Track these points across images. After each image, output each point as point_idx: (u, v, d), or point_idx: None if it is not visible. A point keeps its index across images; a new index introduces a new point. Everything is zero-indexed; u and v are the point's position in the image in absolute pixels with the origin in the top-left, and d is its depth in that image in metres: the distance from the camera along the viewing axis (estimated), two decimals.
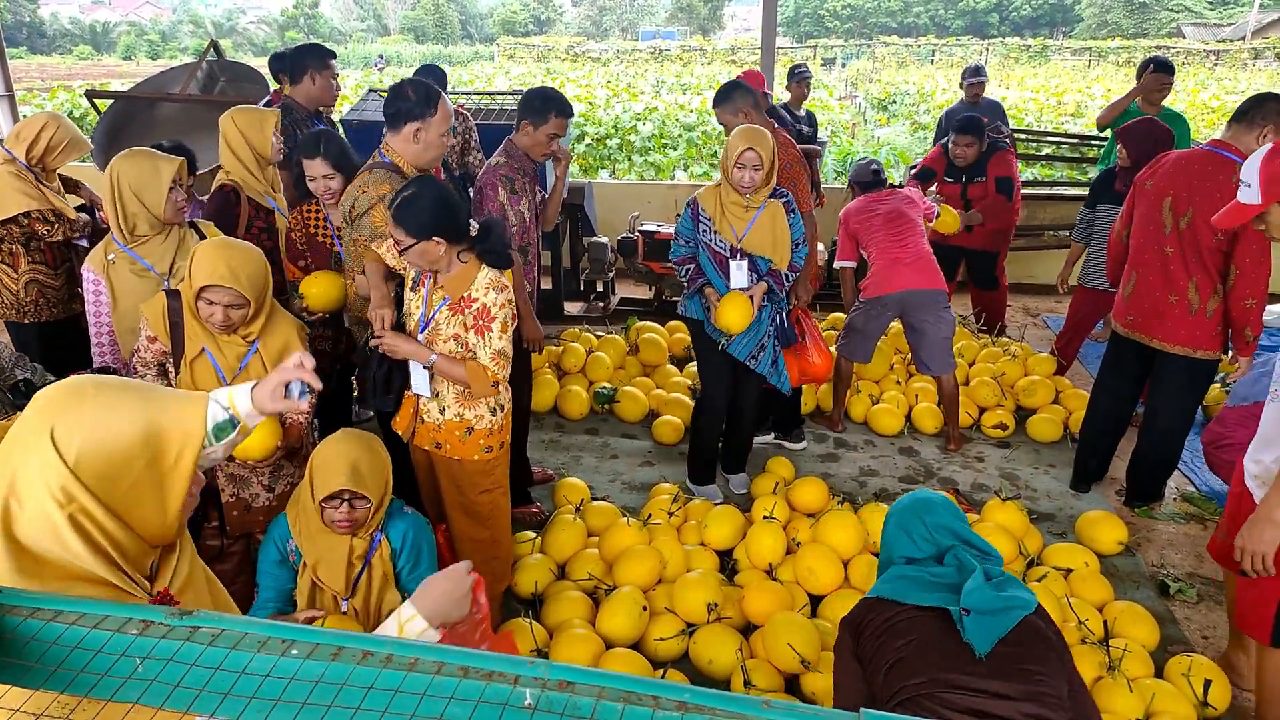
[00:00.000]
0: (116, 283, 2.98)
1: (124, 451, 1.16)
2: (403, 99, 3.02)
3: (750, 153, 3.43)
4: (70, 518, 1.13)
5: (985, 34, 58.14)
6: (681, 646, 3.02)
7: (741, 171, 3.46)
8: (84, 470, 1.14)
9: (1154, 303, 3.67)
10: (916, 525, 2.01)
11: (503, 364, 2.69)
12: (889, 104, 19.36)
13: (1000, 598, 1.78)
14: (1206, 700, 2.74)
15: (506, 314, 2.68)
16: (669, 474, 4.30)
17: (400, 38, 67.04)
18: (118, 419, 1.17)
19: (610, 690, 0.89)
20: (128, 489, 1.17)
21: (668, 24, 68.74)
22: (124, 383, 1.23)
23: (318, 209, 3.49)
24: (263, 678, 0.90)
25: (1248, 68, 36.39)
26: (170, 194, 2.99)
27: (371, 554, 2.59)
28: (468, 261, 2.69)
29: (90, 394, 1.19)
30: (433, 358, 2.69)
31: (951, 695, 1.69)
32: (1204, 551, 3.76)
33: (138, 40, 62.06)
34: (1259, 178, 2.39)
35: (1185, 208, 3.53)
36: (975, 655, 1.73)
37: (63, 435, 1.14)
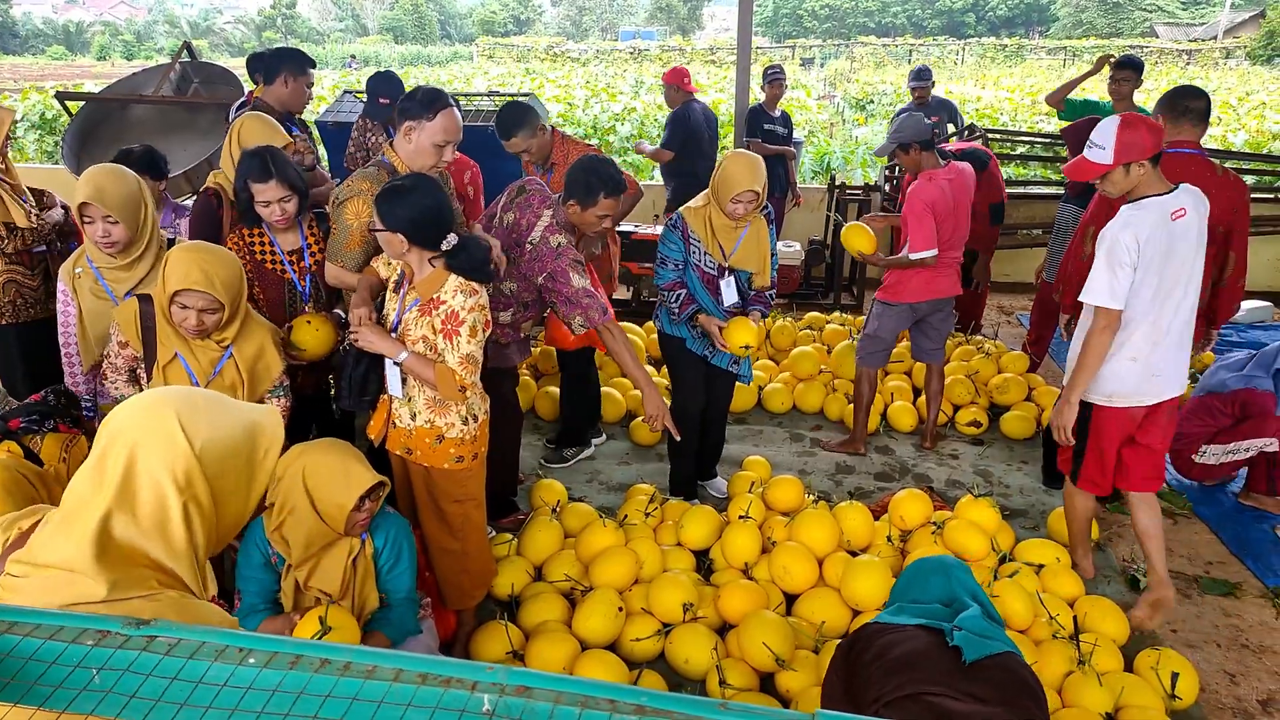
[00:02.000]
0: (81, 299, 2.94)
1: (235, 443, 1.24)
2: (408, 98, 3.00)
3: (750, 194, 3.36)
4: (184, 506, 1.18)
5: (962, 34, 58.56)
6: (658, 646, 3.03)
7: (737, 205, 3.39)
8: (207, 458, 1.20)
9: None
10: (939, 575, 2.03)
11: (471, 369, 2.66)
12: (867, 104, 19.48)
13: (989, 627, 1.81)
14: (1174, 692, 2.78)
15: (476, 318, 2.64)
16: (646, 474, 4.31)
17: (379, 38, 66.69)
18: (226, 413, 1.26)
19: (568, 695, 0.90)
20: (232, 481, 1.25)
21: (647, 24, 68.81)
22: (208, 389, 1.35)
23: (260, 233, 3.16)
24: (219, 687, 0.90)
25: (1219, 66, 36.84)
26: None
27: (356, 554, 2.59)
28: (439, 266, 2.69)
29: (193, 391, 1.28)
30: (404, 354, 2.66)
31: (934, 699, 1.70)
32: (1175, 546, 3.81)
33: (112, 40, 61.40)
34: (1113, 142, 2.85)
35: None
36: (965, 671, 1.74)
37: (189, 423, 1.20)
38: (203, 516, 1.21)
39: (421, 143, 2.97)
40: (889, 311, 4.36)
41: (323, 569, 2.54)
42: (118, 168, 2.87)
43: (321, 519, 2.47)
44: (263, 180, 2.97)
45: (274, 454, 1.30)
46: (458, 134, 3.01)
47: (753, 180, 3.35)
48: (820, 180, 8.75)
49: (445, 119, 2.95)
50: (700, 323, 3.57)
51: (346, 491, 2.45)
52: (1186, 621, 3.32)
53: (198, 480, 1.19)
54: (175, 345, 2.64)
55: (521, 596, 3.24)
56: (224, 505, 1.24)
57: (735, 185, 3.35)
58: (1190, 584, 3.54)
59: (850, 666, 1.93)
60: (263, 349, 2.77)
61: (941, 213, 4.12)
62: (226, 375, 2.72)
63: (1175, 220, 2.90)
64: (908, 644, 1.82)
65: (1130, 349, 3.02)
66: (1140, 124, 2.88)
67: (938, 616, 1.88)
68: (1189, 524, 4.00)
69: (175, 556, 1.19)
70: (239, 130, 3.43)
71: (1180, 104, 3.59)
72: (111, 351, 2.75)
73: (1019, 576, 3.23)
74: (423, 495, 2.90)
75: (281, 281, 3.17)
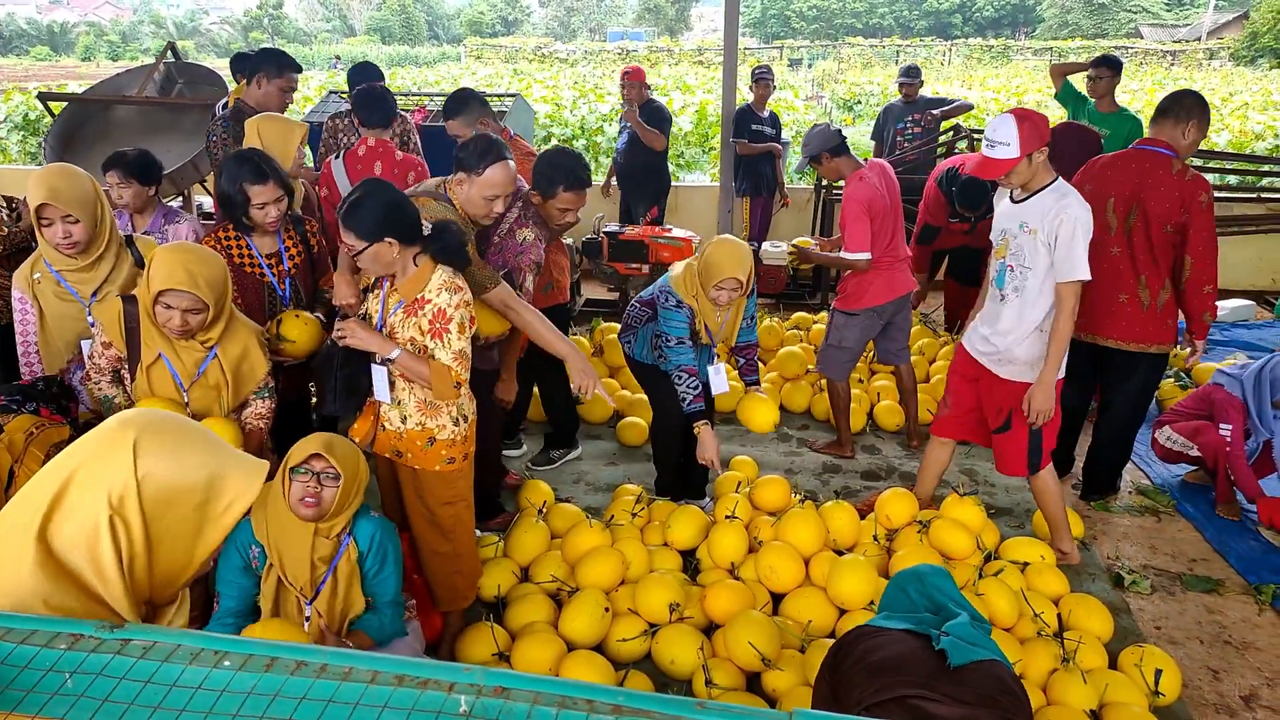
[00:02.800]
0: (44, 303, 2.90)
1: (187, 484, 1.19)
2: (463, 147, 3.01)
3: (732, 281, 3.34)
4: (110, 520, 1.15)
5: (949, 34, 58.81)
6: (644, 647, 3.03)
7: (720, 292, 3.37)
8: (146, 486, 1.16)
9: (1104, 304, 3.73)
10: (915, 585, 2.04)
11: (464, 365, 2.65)
12: (854, 104, 19.53)
13: (976, 634, 1.81)
14: (1158, 689, 2.79)
15: (463, 315, 2.63)
16: (633, 475, 4.30)
17: (366, 39, 66.45)
18: (193, 452, 1.21)
19: (545, 695, 0.90)
20: (172, 522, 1.19)
21: (635, 25, 68.80)
22: (202, 427, 1.29)
23: (238, 235, 3.12)
24: (194, 690, 0.90)
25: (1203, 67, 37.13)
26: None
27: (339, 557, 2.56)
28: (422, 264, 2.67)
29: (177, 423, 1.25)
30: (395, 351, 2.63)
31: (915, 701, 1.70)
32: (1158, 543, 3.84)
33: (97, 41, 61.00)
34: (1016, 136, 3.05)
35: (1130, 207, 3.61)
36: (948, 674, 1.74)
37: (144, 447, 1.17)
38: (130, 542, 1.15)
39: (472, 195, 3.00)
40: (853, 321, 4.33)
41: (290, 559, 2.50)
42: (69, 167, 2.84)
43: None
44: (260, 182, 2.97)
45: (235, 512, 1.23)
46: (508, 185, 3.02)
47: (737, 268, 3.32)
48: (807, 180, 8.77)
49: (495, 172, 2.96)
50: (700, 436, 3.43)
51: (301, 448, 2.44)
52: (1170, 619, 3.34)
53: (131, 505, 1.14)
54: (159, 346, 2.62)
55: (508, 598, 3.23)
56: (160, 546, 1.17)
57: (719, 273, 3.32)
58: (1174, 581, 3.57)
59: (836, 670, 1.93)
60: (247, 350, 2.76)
61: (879, 211, 4.12)
62: (211, 376, 2.70)
63: None
64: (892, 647, 1.82)
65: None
66: (1032, 115, 3.10)
67: (926, 623, 1.88)
68: (1172, 521, 4.03)
69: (105, 580, 1.14)
70: (257, 130, 3.43)
71: (1160, 105, 3.66)
72: (95, 352, 2.73)
73: (1004, 575, 3.24)
74: (412, 498, 2.89)
75: (261, 285, 3.14)
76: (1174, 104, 3.61)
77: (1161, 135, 3.60)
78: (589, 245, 6.39)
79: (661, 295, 3.53)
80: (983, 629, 1.89)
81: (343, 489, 2.43)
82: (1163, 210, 3.54)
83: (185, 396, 2.68)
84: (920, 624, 1.87)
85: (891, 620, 1.93)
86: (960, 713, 1.63)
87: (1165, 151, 3.57)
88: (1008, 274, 3.30)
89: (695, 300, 3.46)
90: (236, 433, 2.67)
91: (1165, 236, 3.58)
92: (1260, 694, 2.95)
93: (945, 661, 1.74)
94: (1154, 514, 4.08)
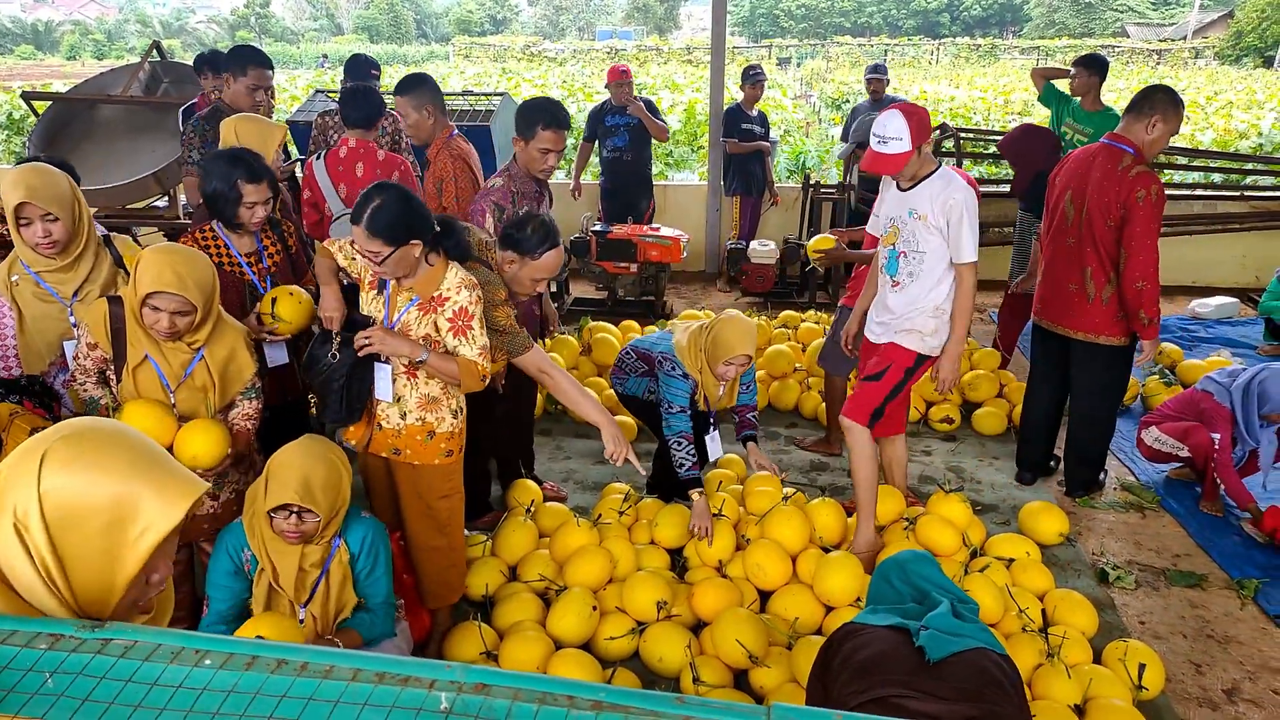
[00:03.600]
0: (23, 305, 2.87)
1: (88, 504, 1.12)
2: (521, 229, 3.02)
3: (743, 357, 3.34)
4: (17, 531, 1.11)
5: (937, 34, 58.99)
6: (632, 645, 3.03)
7: (729, 368, 3.37)
8: (48, 501, 1.11)
9: (1058, 291, 3.86)
10: (897, 573, 2.05)
11: (487, 357, 2.73)
12: (842, 103, 19.52)
13: (957, 625, 1.82)
14: (1141, 683, 2.81)
15: (480, 310, 2.72)
16: (621, 473, 4.31)
17: (354, 37, 66.24)
18: (103, 471, 1.13)
19: (526, 691, 0.90)
20: (79, 542, 1.12)
21: (624, 24, 68.74)
22: (140, 444, 1.19)
23: (214, 235, 3.09)
24: (175, 689, 0.90)
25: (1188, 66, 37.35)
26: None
27: (330, 560, 2.57)
28: (435, 262, 2.69)
29: (96, 438, 1.16)
30: (424, 354, 2.65)
31: (896, 700, 1.71)
32: (1143, 539, 3.87)
33: (82, 40, 60.60)
34: (908, 130, 3.14)
35: (1081, 199, 3.70)
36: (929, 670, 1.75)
37: (52, 458, 1.13)
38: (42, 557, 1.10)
39: (522, 276, 3.04)
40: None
41: (281, 569, 2.51)
42: (44, 165, 2.80)
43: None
44: (254, 181, 2.98)
45: (149, 541, 1.13)
46: (557, 270, 3.10)
47: (747, 345, 3.33)
48: (796, 179, 8.79)
49: (550, 259, 3.03)
50: (695, 504, 3.38)
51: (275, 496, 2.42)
52: (1154, 614, 3.37)
53: (34, 520, 1.10)
54: (146, 347, 2.61)
55: (496, 597, 3.23)
56: (72, 565, 1.12)
57: (729, 350, 3.32)
58: (1158, 576, 3.60)
59: (827, 669, 1.94)
60: (234, 351, 2.75)
61: None
62: (198, 377, 2.69)
63: None
64: (873, 646, 1.83)
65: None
66: (918, 110, 3.23)
67: (910, 615, 1.89)
68: (1156, 517, 4.06)
69: (29, 591, 1.10)
70: (234, 130, 3.42)
71: (1132, 100, 3.71)
72: (80, 354, 2.71)
73: (989, 571, 3.26)
74: (410, 495, 2.90)
75: (241, 284, 3.13)
76: (1142, 99, 3.66)
77: (1128, 131, 3.66)
78: (577, 244, 6.39)
79: (666, 362, 3.49)
80: (968, 612, 1.89)
81: (324, 518, 2.44)
82: (1103, 205, 3.63)
83: (172, 398, 2.68)
84: (905, 616, 1.89)
85: (877, 615, 1.94)
86: (940, 709, 1.64)
87: (1124, 147, 3.64)
88: (900, 260, 3.39)
89: (699, 374, 3.45)
90: (224, 434, 2.66)
91: (1107, 231, 3.66)
92: (1242, 687, 2.98)
93: (925, 657, 1.75)
94: (1138, 510, 4.11)
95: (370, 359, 2.75)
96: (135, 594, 1.18)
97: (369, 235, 2.52)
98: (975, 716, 1.64)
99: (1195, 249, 7.38)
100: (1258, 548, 3.76)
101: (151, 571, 1.19)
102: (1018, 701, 1.76)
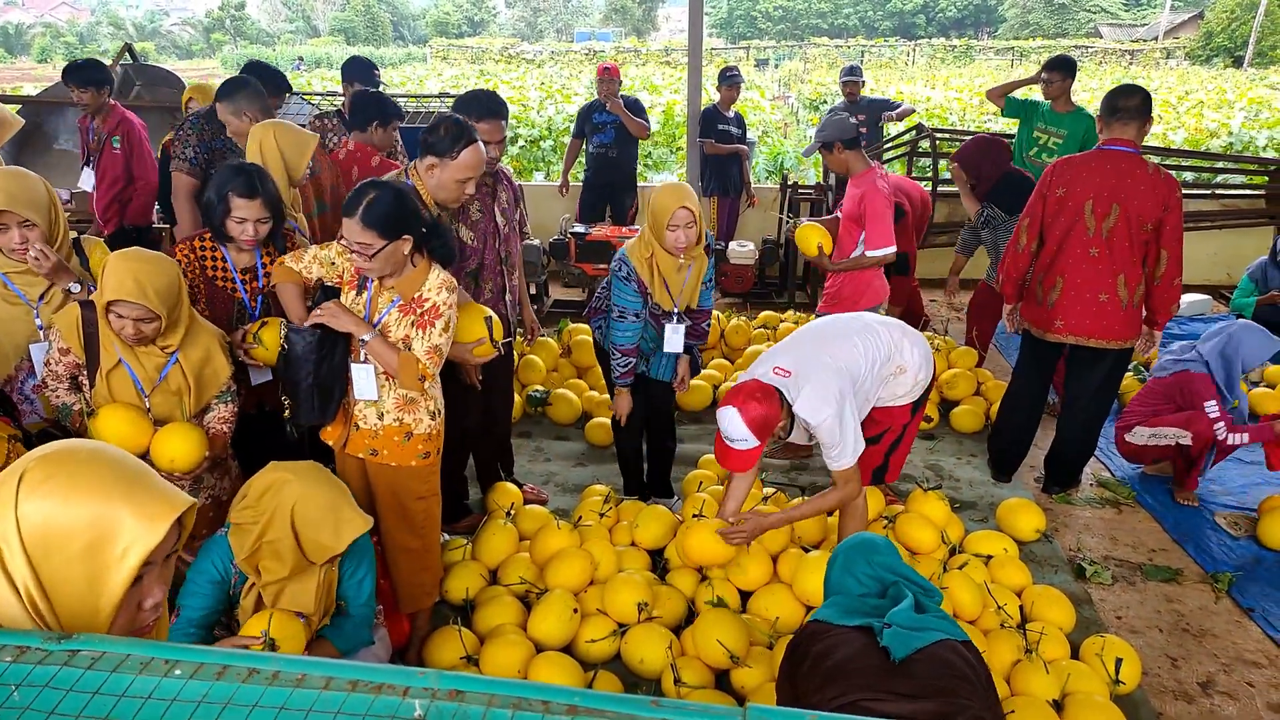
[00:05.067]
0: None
1: (66, 525, 1.08)
2: (434, 132, 2.95)
3: (683, 210, 3.27)
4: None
5: (913, 35, 59.39)
6: (613, 647, 3.03)
7: (676, 232, 3.28)
8: (25, 522, 1.08)
9: (1084, 304, 3.76)
10: (860, 565, 2.05)
11: (436, 359, 2.68)
12: (820, 104, 19.63)
13: (920, 619, 1.83)
14: (1118, 678, 2.84)
15: (451, 315, 2.70)
16: (602, 475, 4.30)
17: (330, 39, 65.82)
18: (80, 491, 1.10)
19: (501, 697, 0.89)
20: (61, 565, 1.09)
21: (602, 25, 68.78)
22: (119, 463, 1.15)
23: (214, 247, 3.03)
24: (144, 700, 0.89)
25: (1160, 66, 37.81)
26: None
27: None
28: (420, 263, 2.69)
29: (73, 459, 1.13)
30: (369, 334, 2.64)
31: (866, 703, 1.72)
32: (1119, 534, 3.91)
33: (53, 42, 59.87)
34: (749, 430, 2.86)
35: (1109, 207, 3.64)
36: (895, 669, 1.76)
37: (28, 482, 1.09)
38: (25, 583, 1.07)
39: (444, 179, 2.96)
40: None
41: (292, 592, 2.45)
42: (21, 170, 2.77)
43: (304, 554, 2.41)
44: (247, 197, 2.87)
45: (131, 562, 1.10)
46: (481, 167, 2.99)
47: (681, 198, 3.28)
48: (774, 180, 8.82)
49: (469, 155, 2.93)
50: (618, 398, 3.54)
51: (336, 537, 2.38)
52: (1130, 608, 3.40)
53: (13, 545, 1.07)
54: (119, 351, 2.59)
55: (476, 601, 3.22)
56: (55, 588, 1.09)
57: (666, 210, 3.27)
58: (1134, 571, 3.63)
59: (793, 672, 1.95)
60: (210, 354, 2.72)
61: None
62: (172, 381, 2.67)
63: None
64: (840, 650, 1.84)
65: None
66: (749, 407, 2.88)
67: (873, 611, 1.90)
68: (1132, 513, 4.10)
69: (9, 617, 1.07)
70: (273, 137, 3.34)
71: (1113, 104, 3.68)
72: (52, 359, 2.68)
73: (968, 568, 3.28)
74: (386, 496, 2.89)
75: (231, 300, 3.06)
76: (1142, 103, 3.64)
77: (1124, 135, 3.65)
78: (556, 246, 6.38)
79: (616, 264, 3.47)
80: (931, 602, 1.90)
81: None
82: (1144, 209, 3.60)
83: (147, 402, 2.65)
84: (867, 613, 1.89)
85: (839, 612, 1.94)
86: (909, 709, 1.65)
87: (1133, 151, 3.63)
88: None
89: (651, 261, 3.38)
90: (201, 437, 2.64)
91: (1144, 235, 3.65)
92: (1217, 679, 3.02)
93: (889, 657, 1.76)
94: (1115, 506, 4.15)
95: (345, 357, 2.74)
96: (125, 620, 1.14)
97: (363, 227, 2.51)
98: (944, 713, 1.66)
99: None
100: (1232, 541, 3.81)
101: (145, 595, 1.15)
102: (982, 690, 1.78)
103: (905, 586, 1.96)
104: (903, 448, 3.48)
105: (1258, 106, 15.86)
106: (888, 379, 3.18)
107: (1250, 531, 3.85)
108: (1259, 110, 15.27)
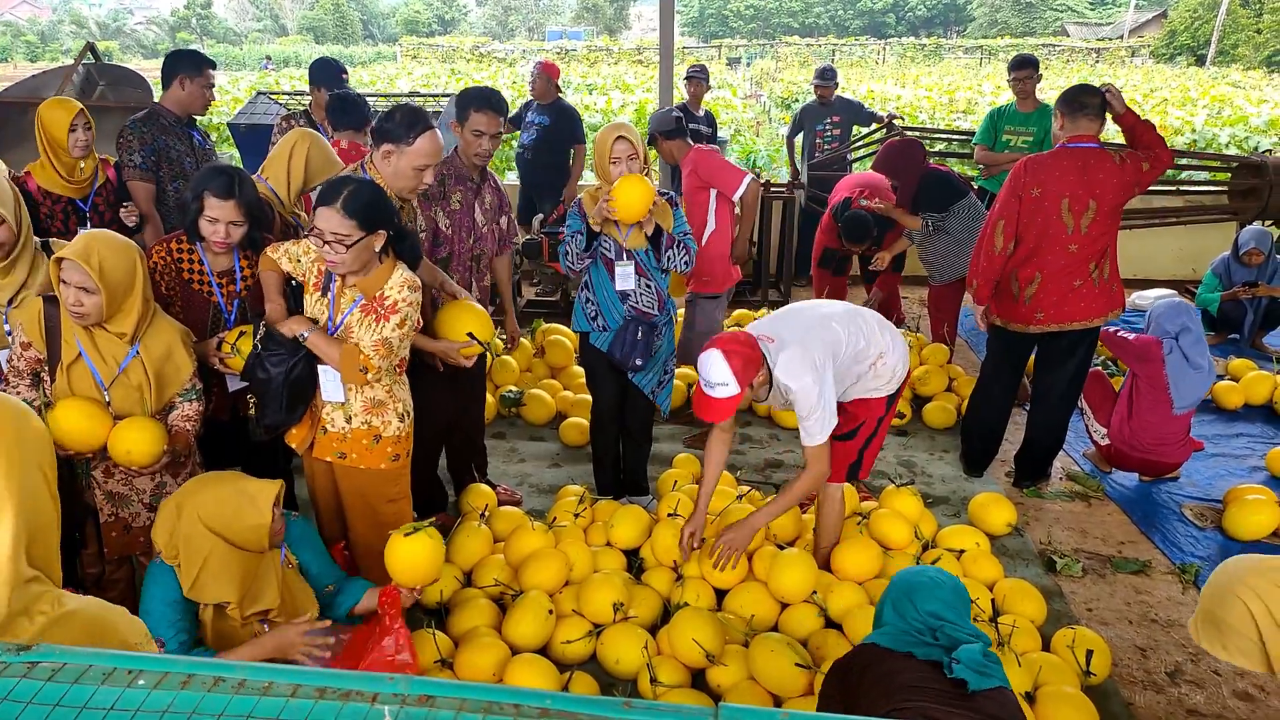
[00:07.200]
0: None
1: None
2: (389, 119, 2.90)
3: (621, 143, 3.35)
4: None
5: (883, 34, 59.82)
6: (589, 648, 3.02)
7: (618, 165, 3.36)
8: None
9: (1061, 293, 3.82)
10: (906, 604, 2.07)
11: (383, 352, 2.65)
12: (791, 102, 19.72)
13: (987, 664, 1.87)
14: (1089, 670, 2.88)
15: (410, 313, 2.67)
16: (576, 475, 4.29)
17: (298, 38, 65.18)
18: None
19: (471, 702, 0.89)
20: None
21: (574, 24, 68.57)
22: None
23: (190, 249, 2.97)
24: (106, 711, 0.87)
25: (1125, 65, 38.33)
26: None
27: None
28: (385, 262, 2.67)
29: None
30: (306, 332, 2.64)
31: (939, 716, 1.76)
32: (1089, 527, 3.96)
33: (14, 42, 58.83)
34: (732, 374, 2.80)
35: (1085, 204, 3.69)
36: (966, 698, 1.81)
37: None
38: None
39: (401, 167, 2.89)
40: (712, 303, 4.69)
41: (255, 592, 2.44)
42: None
43: (242, 549, 2.39)
44: (222, 198, 2.82)
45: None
46: (439, 154, 2.94)
47: (617, 130, 3.39)
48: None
49: (426, 142, 2.87)
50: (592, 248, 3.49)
51: (255, 510, 2.38)
52: (1100, 600, 3.44)
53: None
54: (80, 344, 2.56)
55: (450, 604, 3.20)
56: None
57: (604, 143, 3.39)
58: (1104, 564, 3.68)
59: (848, 689, 1.97)
60: (171, 350, 2.69)
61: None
62: (133, 375, 2.63)
63: None
64: (910, 673, 1.89)
65: None
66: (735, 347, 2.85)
67: (930, 644, 1.94)
68: (1101, 506, 4.15)
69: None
70: (305, 150, 3.36)
71: (1076, 101, 3.74)
72: (14, 355, 2.64)
73: (941, 563, 3.31)
74: (355, 500, 2.86)
75: (207, 304, 3.01)
76: (1089, 101, 3.72)
77: (1089, 131, 3.72)
78: (529, 245, 6.35)
79: (570, 210, 3.59)
80: (993, 659, 1.94)
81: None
82: (1119, 196, 3.70)
83: (106, 395, 2.61)
84: (927, 653, 1.93)
85: (894, 640, 1.99)
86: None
87: (1096, 146, 3.70)
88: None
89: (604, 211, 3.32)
90: (160, 431, 2.61)
91: (1117, 218, 3.77)
92: (1184, 669, 3.06)
93: (959, 687, 1.81)
94: (1084, 499, 4.20)
95: (314, 361, 2.71)
96: None
97: (344, 216, 2.49)
98: None
99: (1133, 242, 7.54)
100: (1199, 533, 3.87)
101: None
102: None
103: (954, 629, 1.98)
104: (876, 443, 3.50)
105: (1220, 104, 16.14)
106: (864, 373, 3.19)
107: (1216, 523, 3.91)
108: (1221, 108, 15.54)
